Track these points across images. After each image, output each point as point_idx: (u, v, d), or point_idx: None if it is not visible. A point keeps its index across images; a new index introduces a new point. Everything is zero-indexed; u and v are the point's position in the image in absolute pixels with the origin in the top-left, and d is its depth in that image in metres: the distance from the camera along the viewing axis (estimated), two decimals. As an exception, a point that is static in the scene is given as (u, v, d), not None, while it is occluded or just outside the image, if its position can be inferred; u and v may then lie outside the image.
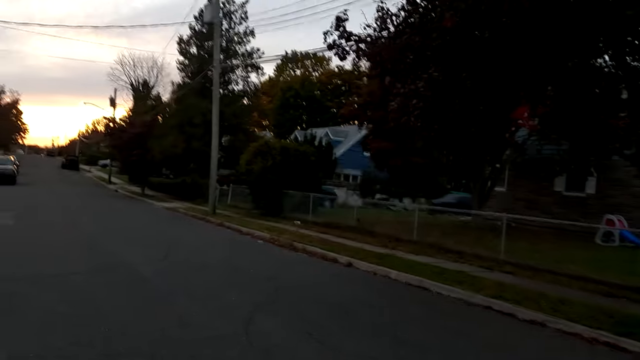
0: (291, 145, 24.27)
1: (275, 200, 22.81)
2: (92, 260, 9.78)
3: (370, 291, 9.17)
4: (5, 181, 31.80)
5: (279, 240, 14.95)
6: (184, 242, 14.01)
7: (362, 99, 17.65)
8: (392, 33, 9.41)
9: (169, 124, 34.03)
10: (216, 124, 23.03)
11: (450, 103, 10.23)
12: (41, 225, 14.65)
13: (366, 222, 18.34)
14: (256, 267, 10.51)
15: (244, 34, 35.65)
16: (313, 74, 76.00)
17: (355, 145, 43.74)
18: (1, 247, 10.58)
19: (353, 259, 12.09)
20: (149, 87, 53.89)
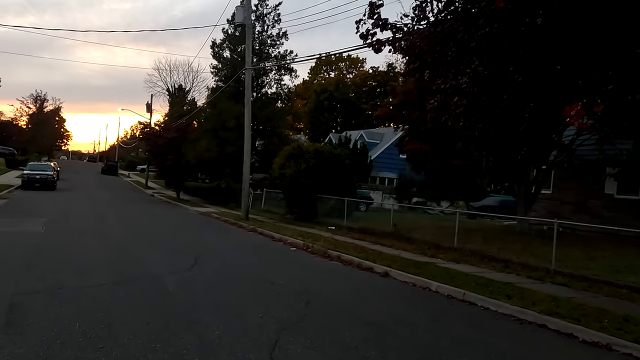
0: (325, 148, 23.66)
1: (309, 205, 22.24)
2: (116, 270, 9.37)
3: (410, 306, 8.42)
4: (45, 187, 32.42)
5: (313, 247, 14.33)
6: (214, 249, 13.56)
7: (397, 99, 16.93)
8: (431, 22, 8.66)
9: (203, 129, 33.96)
10: (248, 128, 22.64)
11: (497, 100, 9.38)
12: (72, 232, 14.47)
13: (403, 227, 17.53)
14: (287, 278, 9.90)
15: (276, 36, 35.30)
16: (347, 76, 75.30)
17: (390, 147, 42.77)
18: (27, 256, 10.31)
19: (390, 268, 11.36)
20: (184, 92, 54.43)
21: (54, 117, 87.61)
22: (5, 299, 6.83)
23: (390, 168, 41.53)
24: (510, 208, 26.91)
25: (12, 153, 61.35)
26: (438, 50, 9.00)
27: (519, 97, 9.04)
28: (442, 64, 9.38)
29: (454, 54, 8.77)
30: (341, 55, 77.54)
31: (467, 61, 8.62)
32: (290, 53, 35.46)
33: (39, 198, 26.27)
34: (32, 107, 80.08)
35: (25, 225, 15.15)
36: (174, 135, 33.85)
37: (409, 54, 9.54)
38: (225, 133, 31.30)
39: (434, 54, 9.18)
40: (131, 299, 7.27)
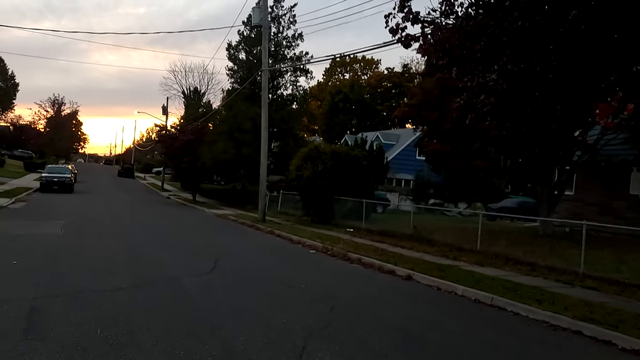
0: (342, 149, 23.42)
1: (326, 206, 22.02)
2: (135, 273, 9.23)
3: (437, 311, 8.15)
4: (63, 189, 32.65)
5: (332, 250, 14.10)
6: (233, 251, 13.40)
7: (416, 99, 16.65)
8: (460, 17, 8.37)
9: (219, 130, 33.90)
10: (265, 129, 22.49)
11: (527, 97, 9.05)
12: (90, 235, 14.42)
13: (423, 229, 17.24)
14: (309, 281, 9.69)
15: (292, 37, 35.15)
16: (362, 77, 74.98)
17: (407, 148, 42.43)
18: (46, 259, 10.23)
19: (413, 271, 11.10)
20: (200, 95, 54.58)
21: (71, 120, 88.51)
22: (26, 302, 6.72)
23: (407, 169, 41.15)
24: (529, 209, 26.40)
25: (30, 156, 62.08)
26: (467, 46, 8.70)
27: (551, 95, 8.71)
28: (471, 60, 9.08)
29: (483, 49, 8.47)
30: (355, 56, 77.36)
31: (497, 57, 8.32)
32: (306, 54, 35.29)
33: (57, 200, 26.41)
34: (50, 111, 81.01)
35: (44, 228, 15.14)
36: (190, 138, 33.88)
37: (437, 49, 9.26)
38: (241, 135, 31.20)
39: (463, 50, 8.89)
40: (152, 303, 7.11)
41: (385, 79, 66.30)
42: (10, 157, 59.53)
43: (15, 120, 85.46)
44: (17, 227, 14.77)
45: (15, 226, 15.08)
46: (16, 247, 11.49)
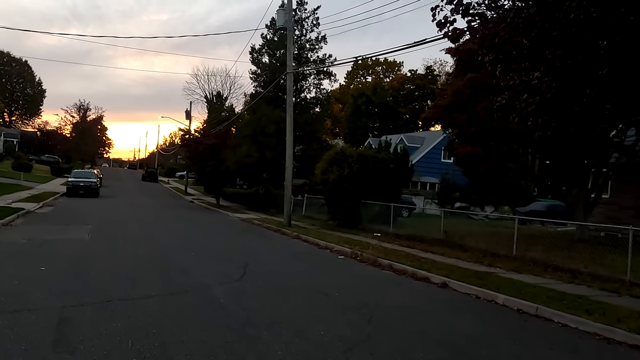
0: (369, 152, 23.03)
1: (353, 210, 21.64)
2: (164, 280, 9.01)
3: (481, 322, 7.71)
4: (89, 194, 32.91)
5: (362, 255, 13.72)
6: (260, 257, 13.11)
7: (446, 100, 16.23)
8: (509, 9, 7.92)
9: (242, 134, 33.85)
10: (290, 132, 22.22)
11: (577, 96, 8.53)
12: (117, 240, 14.30)
13: (455, 234, 16.72)
14: (341, 289, 9.33)
15: (315, 40, 34.98)
16: (384, 80, 74.44)
17: (432, 151, 41.81)
18: (74, 265, 10.08)
19: (448, 278, 10.66)
20: (222, 99, 54.74)
21: (96, 125, 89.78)
22: (55, 312, 6.51)
23: (432, 172, 40.54)
24: (559, 213, 25.60)
25: (57, 161, 63.07)
26: (515, 41, 8.25)
27: (602, 93, 8.19)
28: (517, 57, 8.63)
29: (530, 45, 8.01)
30: (377, 59, 76.97)
31: (545, 53, 7.86)
32: (329, 57, 35.06)
33: (83, 205, 26.56)
34: (76, 117, 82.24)
35: (71, 233, 15.09)
36: (213, 142, 33.86)
37: (484, 45, 8.84)
38: (264, 138, 31.09)
39: (511, 45, 8.45)
40: (183, 313, 6.84)
41: (408, 81, 65.65)
42: (37, 162, 60.57)
43: (43, 126, 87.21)
44: (45, 232, 14.75)
45: (43, 231, 15.06)
46: (44, 253, 11.39)
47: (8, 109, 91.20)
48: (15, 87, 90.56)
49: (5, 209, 19.47)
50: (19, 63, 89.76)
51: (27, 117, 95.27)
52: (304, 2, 34.76)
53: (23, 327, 5.85)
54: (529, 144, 16.53)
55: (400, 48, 13.78)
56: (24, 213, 19.59)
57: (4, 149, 62.63)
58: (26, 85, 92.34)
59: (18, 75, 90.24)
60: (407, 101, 63.31)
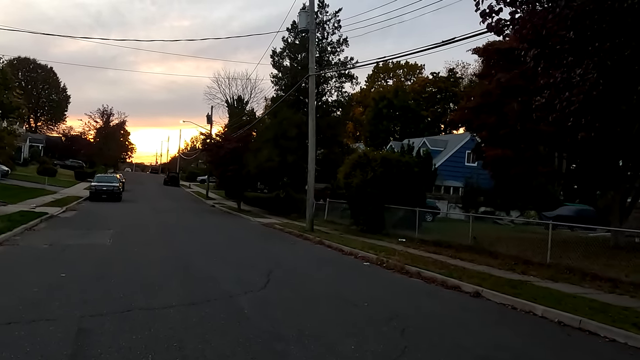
0: (393, 156, 22.57)
1: (376, 215, 21.18)
2: (186, 288, 8.70)
3: (521, 335, 7.21)
4: (112, 198, 33.08)
5: (388, 262, 13.27)
6: (284, 263, 12.75)
7: (474, 101, 15.69)
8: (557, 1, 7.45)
9: (264, 138, 33.65)
10: (313, 135, 21.86)
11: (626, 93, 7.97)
12: (138, 245, 14.10)
13: (484, 240, 16.14)
14: (370, 298, 8.91)
15: (337, 43, 34.62)
16: (406, 83, 73.71)
17: (455, 154, 41.12)
18: (94, 272, 9.85)
19: (480, 287, 10.16)
20: (243, 103, 54.74)
21: (119, 130, 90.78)
22: (73, 322, 6.23)
23: (455, 176, 39.86)
24: (588, 218, 24.69)
25: (80, 166, 63.86)
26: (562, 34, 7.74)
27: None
28: (560, 51, 8.11)
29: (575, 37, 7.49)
30: (399, 62, 76.31)
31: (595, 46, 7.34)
32: (351, 60, 34.68)
33: (106, 209, 26.60)
34: (99, 122, 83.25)
35: (92, 238, 14.96)
36: (235, 146, 33.72)
37: (526, 38, 8.36)
38: (286, 142, 30.82)
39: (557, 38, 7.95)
40: (206, 324, 6.49)
41: (430, 84, 64.86)
42: (62, 167, 61.41)
43: (67, 131, 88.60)
44: (67, 237, 14.63)
45: (65, 236, 14.95)
46: (65, 258, 11.22)
47: (34, 114, 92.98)
48: (40, 93, 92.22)
49: (29, 213, 19.51)
50: (44, 70, 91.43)
51: (52, 122, 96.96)
52: (325, 5, 34.49)
53: (40, 338, 5.58)
54: (560, 147, 15.90)
55: (426, 48, 13.33)
56: (47, 217, 19.60)
57: (30, 154, 63.63)
58: (51, 92, 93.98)
59: (43, 81, 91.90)
60: (429, 104, 62.51)
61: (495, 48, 15.07)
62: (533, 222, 30.75)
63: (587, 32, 7.37)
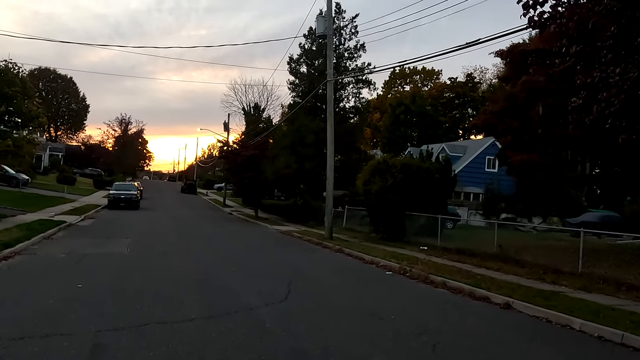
0: (413, 162, 22.13)
1: (397, 223, 20.74)
2: (204, 300, 8.40)
3: (561, 352, 6.77)
4: (130, 206, 33.10)
5: (411, 271, 12.84)
6: (304, 273, 12.40)
7: (498, 105, 15.24)
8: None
9: (281, 145, 33.46)
10: (331, 142, 21.53)
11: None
12: (156, 254, 13.87)
13: (509, 248, 15.61)
14: (395, 310, 8.51)
15: (354, 48, 34.38)
16: (423, 89, 73.16)
17: (475, 160, 40.46)
18: (111, 282, 9.61)
19: (511, 298, 9.68)
20: (260, 110, 54.73)
21: (137, 139, 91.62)
22: (89, 337, 5.96)
23: (475, 182, 39.19)
24: (614, 224, 23.94)
25: (99, 174, 64.40)
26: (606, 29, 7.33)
27: None
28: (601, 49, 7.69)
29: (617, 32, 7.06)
30: (415, 67, 75.85)
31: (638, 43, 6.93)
32: (368, 65, 34.38)
33: (124, 217, 26.56)
34: (118, 130, 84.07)
35: (110, 247, 14.79)
36: (251, 153, 33.54)
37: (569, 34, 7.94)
38: (303, 149, 30.59)
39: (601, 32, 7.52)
40: (226, 339, 6.17)
41: (448, 89, 64.20)
42: (81, 175, 61.98)
43: (86, 139, 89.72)
44: (84, 246, 14.48)
45: (83, 244, 14.81)
46: (82, 268, 11.03)
47: (54, 124, 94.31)
48: (60, 103, 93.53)
49: (47, 222, 19.48)
50: (64, 80, 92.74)
51: (71, 131, 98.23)
52: (342, 11, 34.29)
53: (54, 355, 5.33)
54: (588, 151, 15.35)
55: (450, 50, 12.93)
56: (65, 226, 19.55)
57: (50, 162, 64.36)
58: (71, 101, 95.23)
59: (63, 91, 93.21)
60: (447, 110, 61.85)
61: (520, 50, 14.62)
62: (556, 229, 29.99)
63: (631, 28, 6.94)
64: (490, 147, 41.06)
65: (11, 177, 36.42)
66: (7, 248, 12.50)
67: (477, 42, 11.56)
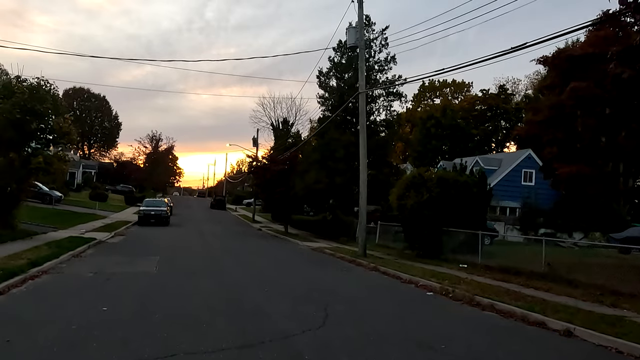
0: (449, 175, 21.22)
1: (433, 239, 19.83)
2: (237, 326, 7.75)
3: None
4: (160, 222, 32.96)
5: (455, 292, 11.98)
6: (341, 294, 11.66)
7: (541, 115, 14.37)
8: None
9: (311, 160, 32.92)
10: (364, 156, 20.86)
11: None
12: (185, 274, 13.32)
13: (560, 266, 14.56)
14: (445, 338, 7.71)
15: (384, 61, 33.76)
16: (453, 101, 71.92)
17: (511, 173, 39.15)
18: (138, 305, 9.07)
19: (570, 324, 8.76)
20: (289, 125, 54.51)
21: (167, 155, 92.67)
22: (110, 371, 5.37)
23: (511, 196, 37.86)
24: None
25: (130, 190, 65.01)
26: None
27: None
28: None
29: None
30: (445, 80, 74.84)
31: None
32: (399, 78, 33.68)
33: (153, 234, 26.30)
34: (149, 147, 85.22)
35: (138, 265, 14.35)
36: (281, 168, 33.09)
37: None
38: (334, 163, 29.97)
39: None
40: (262, 375, 5.50)
41: (480, 101, 62.86)
42: (113, 192, 62.67)
43: (118, 157, 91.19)
44: (112, 265, 14.09)
45: (111, 263, 14.43)
46: (108, 289, 10.54)
47: (87, 141, 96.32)
48: (94, 121, 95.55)
49: (77, 239, 19.27)
50: (97, 98, 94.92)
51: (104, 149, 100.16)
52: (371, 23, 33.79)
53: (71, 393, 4.73)
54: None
55: (495, 55, 12.12)
56: (95, 243, 19.30)
57: (83, 179, 65.35)
58: (104, 119, 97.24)
59: (97, 110, 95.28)
60: (479, 122, 60.46)
61: (567, 55, 13.74)
62: (599, 245, 28.51)
63: None
64: (526, 159, 39.74)
65: (45, 194, 36.75)
66: (34, 267, 12.16)
67: (523, 47, 10.79)
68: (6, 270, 11.00)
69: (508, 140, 60.75)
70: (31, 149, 19.59)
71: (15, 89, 18.35)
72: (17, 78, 19.43)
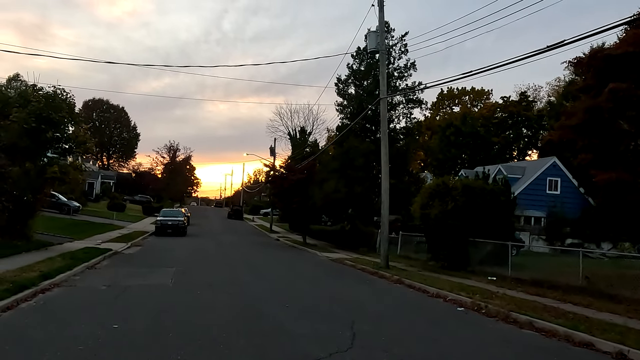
0: (476, 183, 20.44)
1: (459, 250, 19.01)
2: (256, 346, 7.10)
3: None
4: (177, 233, 32.59)
5: (488, 308, 11.20)
6: (366, 309, 10.95)
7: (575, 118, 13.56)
8: None
9: (329, 168, 32.25)
10: (386, 163, 20.15)
11: None
12: (201, 287, 12.72)
13: (600, 279, 13.66)
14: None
15: (404, 67, 33.12)
16: (473, 109, 70.83)
17: (535, 182, 38.03)
18: (152, 322, 8.49)
19: (623, 345, 7.97)
20: (306, 134, 54.03)
21: (185, 165, 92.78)
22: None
23: (536, 205, 36.71)
24: None
25: (148, 200, 65.04)
26: None
27: None
28: None
29: None
30: (464, 88, 73.83)
31: None
32: (420, 84, 32.99)
33: (170, 244, 25.86)
34: (166, 157, 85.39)
35: (154, 278, 13.82)
36: (298, 177, 32.47)
37: None
38: (353, 172, 29.28)
39: None
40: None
41: (500, 109, 61.71)
42: (131, 202, 62.74)
43: (136, 167, 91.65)
44: (127, 277, 13.57)
45: (126, 275, 13.92)
46: (121, 304, 9.97)
47: (106, 152, 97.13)
48: (113, 132, 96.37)
49: (92, 250, 18.87)
50: (116, 109, 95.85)
51: (123, 159, 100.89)
52: (391, 29, 33.22)
53: None
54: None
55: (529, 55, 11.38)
56: (110, 254, 18.88)
57: (101, 190, 65.60)
58: (122, 130, 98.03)
59: (115, 120, 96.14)
60: (499, 130, 59.30)
61: (604, 55, 12.95)
62: (628, 255, 27.34)
63: None
64: (551, 167, 38.61)
65: (62, 204, 36.68)
66: (46, 280, 11.69)
67: (562, 44, 10.05)
68: (16, 283, 10.54)
69: (531, 147, 59.46)
70: (47, 158, 19.29)
71: (31, 98, 18.11)
72: (33, 87, 19.20)
